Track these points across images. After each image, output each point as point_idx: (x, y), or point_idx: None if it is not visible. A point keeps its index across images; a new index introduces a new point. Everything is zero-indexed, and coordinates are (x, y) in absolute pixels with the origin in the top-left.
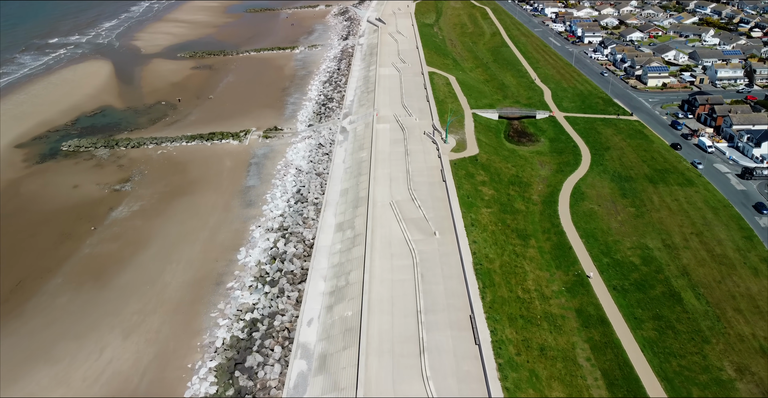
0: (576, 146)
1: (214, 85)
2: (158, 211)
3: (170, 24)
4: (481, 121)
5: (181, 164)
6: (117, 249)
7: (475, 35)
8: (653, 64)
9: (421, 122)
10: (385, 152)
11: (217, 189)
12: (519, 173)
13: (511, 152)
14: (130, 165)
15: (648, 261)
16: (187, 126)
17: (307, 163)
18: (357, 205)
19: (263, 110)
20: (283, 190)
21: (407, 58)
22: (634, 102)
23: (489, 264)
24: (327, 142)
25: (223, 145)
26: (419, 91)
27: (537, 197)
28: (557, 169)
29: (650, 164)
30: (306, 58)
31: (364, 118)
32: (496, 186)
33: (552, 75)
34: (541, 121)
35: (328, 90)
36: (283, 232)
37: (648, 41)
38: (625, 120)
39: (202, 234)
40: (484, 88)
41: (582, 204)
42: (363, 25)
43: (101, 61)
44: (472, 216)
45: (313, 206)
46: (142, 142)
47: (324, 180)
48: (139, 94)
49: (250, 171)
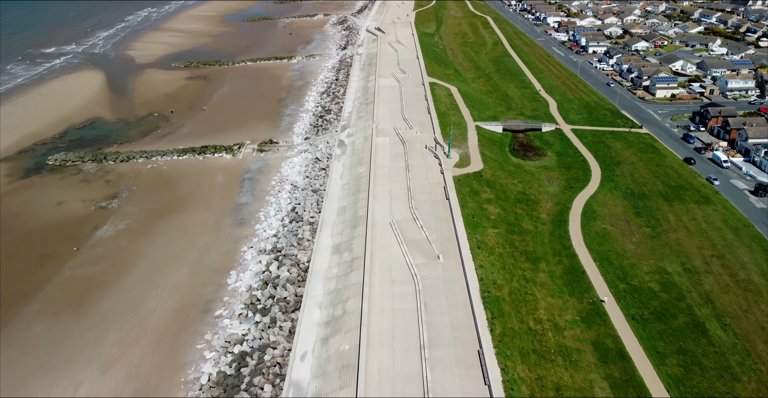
0: (585, 161)
1: (208, 96)
2: (145, 230)
3: (166, 33)
4: (485, 134)
5: (172, 179)
6: (100, 272)
7: (476, 45)
8: (661, 75)
9: (423, 135)
10: (385, 167)
11: (208, 206)
12: (526, 190)
13: (517, 167)
14: (118, 180)
15: (668, 288)
16: (179, 139)
17: (302, 178)
18: (355, 225)
19: (258, 122)
20: (278, 207)
21: (407, 68)
22: (643, 114)
23: (497, 292)
24: (324, 156)
25: (215, 159)
26: (420, 103)
27: (546, 216)
28: (566, 186)
29: (664, 180)
30: (303, 68)
31: (362, 130)
32: (503, 204)
33: (557, 86)
34: (547, 133)
35: (326, 101)
36: (277, 254)
37: (654, 51)
38: (634, 133)
39: (191, 255)
40: (487, 99)
41: (594, 223)
42: (362, 34)
43: (93, 71)
44: (477, 237)
45: (309, 226)
46: (131, 155)
47: (320, 197)
48: (130, 105)
49: (243, 187)
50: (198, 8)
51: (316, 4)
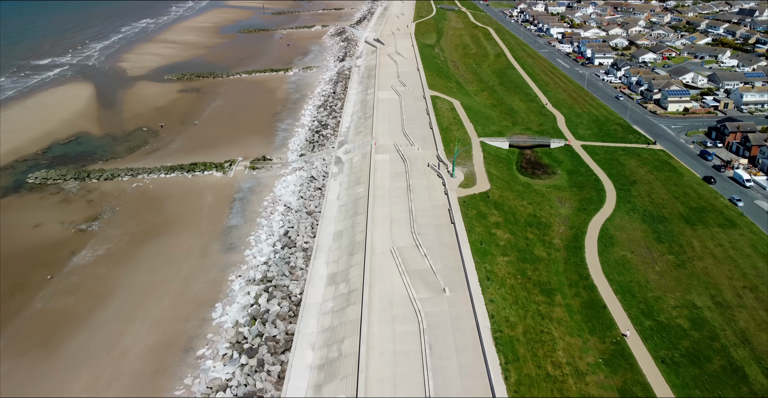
0: (598, 180)
1: (200, 109)
2: (126, 256)
3: (160, 44)
4: (491, 150)
5: (157, 199)
6: (73, 304)
7: (478, 56)
8: (673, 88)
9: (425, 152)
10: (385, 187)
11: (195, 229)
12: (536, 212)
13: (526, 187)
14: (101, 200)
15: (699, 325)
16: (168, 155)
17: (297, 199)
18: (352, 252)
19: (251, 138)
20: (269, 231)
21: (408, 80)
22: (656, 129)
23: (510, 331)
24: (320, 174)
25: (205, 177)
26: (421, 117)
27: (559, 241)
28: (579, 207)
29: (684, 201)
30: (300, 80)
31: (361, 147)
32: (512, 228)
33: (564, 99)
34: (556, 150)
35: (323, 115)
36: (267, 285)
37: (662, 63)
38: (648, 149)
39: (174, 285)
40: (492, 113)
41: (612, 250)
42: (360, 45)
43: (83, 84)
44: (486, 267)
45: (302, 252)
46: (116, 173)
47: (315, 220)
48: (119, 119)
49: (234, 208)
50: (194, 19)
51: (314, 15)
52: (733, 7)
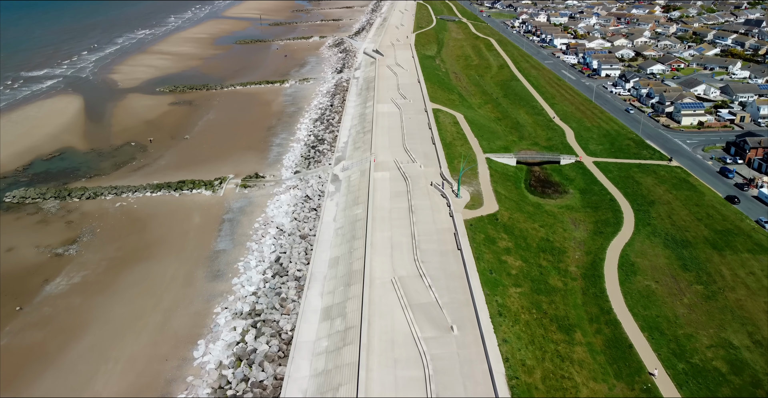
0: (613, 199)
1: (192, 123)
2: (103, 285)
3: (154, 56)
4: (497, 167)
5: (141, 220)
6: (42, 341)
7: (481, 68)
8: (686, 100)
9: (427, 170)
10: (385, 209)
11: (180, 254)
12: (549, 236)
13: (536, 207)
14: (81, 221)
15: (738, 368)
16: (156, 172)
17: (290, 220)
18: (350, 282)
19: (244, 153)
20: (260, 257)
21: (408, 93)
22: (670, 144)
23: (527, 377)
24: (315, 193)
25: (193, 196)
26: (423, 132)
27: (576, 269)
28: (595, 230)
29: (707, 223)
30: (296, 92)
31: (359, 163)
32: (524, 254)
33: (572, 112)
34: (566, 167)
35: (319, 129)
36: (255, 320)
37: (671, 74)
38: (664, 166)
39: (153, 318)
40: (497, 127)
41: (634, 279)
42: (359, 57)
43: (72, 97)
44: (498, 300)
45: (295, 281)
46: (99, 192)
47: (309, 244)
48: (106, 133)
49: (222, 230)
50: (190, 30)
51: (312, 26)
52: (738, 17)
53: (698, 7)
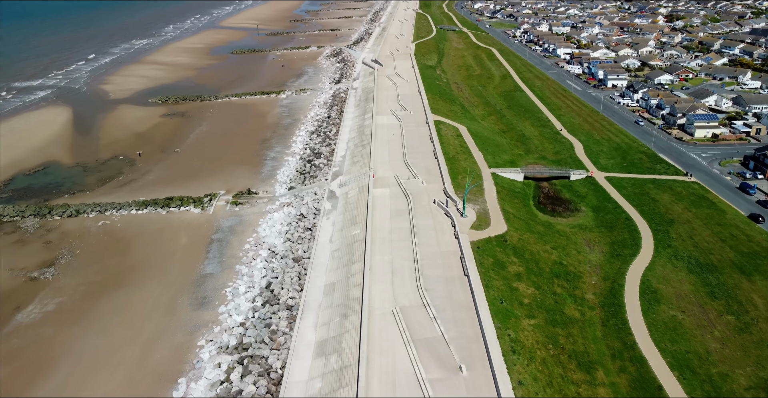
0: (629, 218)
1: (183, 135)
2: (79, 314)
3: (147, 66)
4: (504, 183)
5: (125, 241)
6: (7, 378)
7: (483, 78)
8: (699, 112)
9: (430, 186)
10: (385, 229)
11: (164, 278)
12: (563, 259)
13: (547, 227)
14: (61, 241)
15: None
16: (143, 188)
17: (283, 241)
18: (346, 313)
19: (237, 167)
20: (249, 282)
21: (408, 104)
22: (684, 157)
23: None
24: (310, 211)
25: (181, 213)
26: (425, 145)
27: (593, 297)
28: (611, 252)
29: (732, 245)
30: (293, 103)
31: (357, 179)
32: (536, 280)
33: (579, 124)
34: (577, 182)
35: (316, 142)
36: (242, 355)
37: (679, 84)
38: (680, 181)
39: (131, 352)
40: (501, 140)
41: (658, 309)
42: (358, 67)
43: (60, 108)
44: (510, 334)
45: (287, 311)
46: (81, 209)
47: (303, 268)
48: (94, 146)
49: (210, 251)
50: (186, 40)
51: (310, 36)
52: (743, 27)
53: (702, 17)
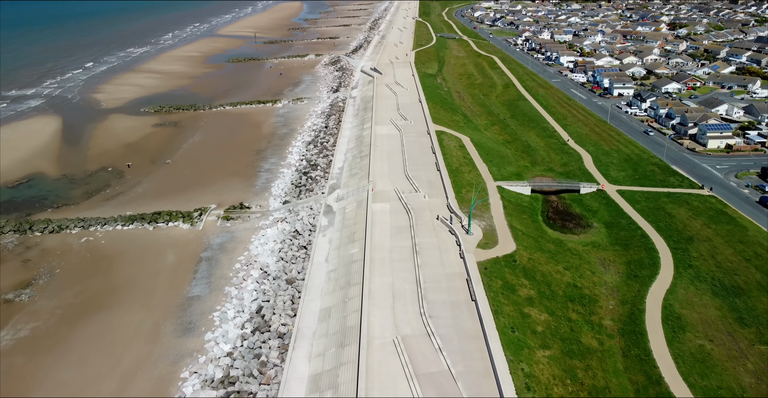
0: (645, 235)
1: (175, 146)
2: (54, 340)
3: (141, 74)
4: (510, 197)
5: (108, 259)
6: None
7: (485, 87)
8: (711, 121)
9: (432, 201)
10: (385, 247)
11: (148, 300)
12: (576, 280)
13: (558, 245)
14: (40, 259)
15: None
16: (130, 201)
17: (276, 260)
18: (343, 342)
19: (230, 180)
20: (239, 305)
21: (409, 113)
22: (698, 169)
23: None
24: (305, 228)
25: (169, 229)
26: (426, 157)
27: (611, 323)
28: (628, 273)
29: (758, 265)
30: (289, 113)
31: (356, 193)
32: (549, 305)
33: (586, 134)
34: (587, 196)
35: (312, 153)
36: (228, 390)
37: (687, 93)
38: (696, 195)
39: (108, 384)
40: (506, 151)
41: (684, 337)
42: (356, 75)
43: (50, 117)
44: (524, 368)
45: (278, 339)
46: (64, 224)
47: (297, 291)
48: (81, 157)
49: (199, 271)
50: (182, 49)
51: (308, 44)
52: (748, 35)
53: (705, 25)
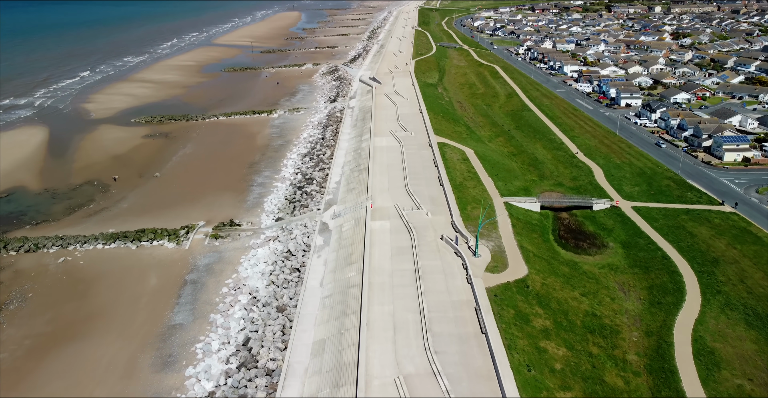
0: (666, 257)
1: (165, 158)
2: (19, 376)
3: (134, 84)
4: (519, 214)
5: (85, 282)
6: None
7: (487, 97)
8: (726, 133)
9: (436, 219)
10: (385, 271)
11: (125, 329)
12: (595, 308)
13: (572, 267)
14: (12, 282)
15: None
16: (114, 218)
17: (266, 284)
18: (339, 382)
19: (220, 195)
20: (224, 336)
21: (409, 124)
22: (715, 184)
23: None
24: (299, 248)
25: (153, 248)
26: (428, 171)
27: (637, 358)
28: (651, 300)
29: None
30: (285, 123)
31: (353, 209)
32: (567, 337)
33: (595, 146)
34: (600, 213)
35: (308, 166)
36: None
37: (697, 103)
38: (717, 212)
39: None
40: (512, 164)
41: (720, 376)
42: (354, 85)
43: (37, 128)
44: None
45: (266, 377)
46: (41, 243)
47: (288, 320)
48: (66, 170)
49: (182, 296)
50: (177, 58)
51: (306, 53)
52: (753, 44)
53: (709, 34)
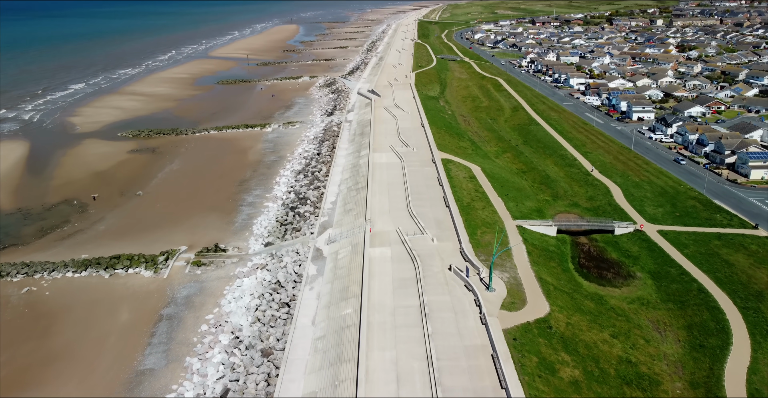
0: (703, 290)
1: (150, 175)
2: None
3: (124, 97)
4: (534, 240)
5: (49, 316)
6: None
7: (492, 110)
8: (751, 149)
9: (442, 245)
10: (386, 308)
11: (88, 376)
12: (629, 353)
13: (598, 303)
14: None
15: None
16: (88, 241)
17: (251, 322)
18: None
19: (206, 215)
20: (200, 385)
21: (411, 139)
22: (745, 204)
23: None
24: (289, 278)
25: (128, 277)
26: (432, 190)
27: None
28: (692, 342)
29: None
30: (279, 138)
31: (350, 234)
32: (601, 391)
33: (611, 163)
34: (623, 238)
35: (302, 185)
36: None
37: (713, 117)
38: (752, 236)
39: None
40: (522, 182)
41: None
42: (353, 98)
43: (17, 143)
44: None
45: None
46: (5, 271)
47: (275, 366)
48: (43, 188)
49: (156, 334)
50: (171, 70)
51: (303, 66)
52: (762, 57)
53: (716, 47)
